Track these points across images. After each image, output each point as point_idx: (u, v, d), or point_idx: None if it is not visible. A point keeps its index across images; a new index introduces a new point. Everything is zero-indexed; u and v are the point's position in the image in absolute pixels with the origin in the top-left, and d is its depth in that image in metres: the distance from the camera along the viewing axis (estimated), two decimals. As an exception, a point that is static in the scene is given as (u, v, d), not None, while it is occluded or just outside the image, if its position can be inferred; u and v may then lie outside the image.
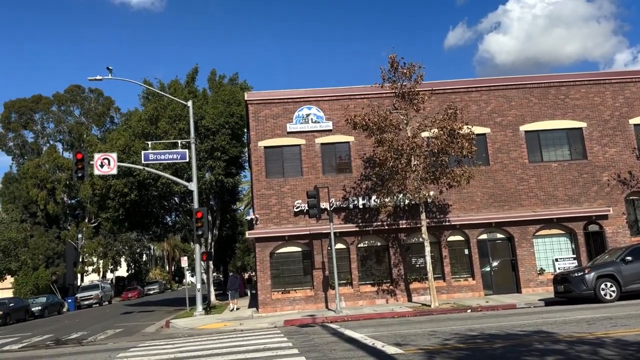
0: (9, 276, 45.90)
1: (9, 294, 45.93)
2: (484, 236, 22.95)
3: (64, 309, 41.35)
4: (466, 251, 22.82)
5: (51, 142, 62.76)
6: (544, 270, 22.51)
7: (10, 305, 33.42)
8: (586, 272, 17.08)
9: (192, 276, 31.19)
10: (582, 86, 24.32)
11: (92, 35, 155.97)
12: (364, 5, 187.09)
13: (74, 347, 16.27)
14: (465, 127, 19.89)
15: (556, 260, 22.68)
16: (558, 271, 21.01)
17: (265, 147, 23.26)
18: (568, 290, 17.36)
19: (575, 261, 22.50)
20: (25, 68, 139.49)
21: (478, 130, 22.78)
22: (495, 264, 22.86)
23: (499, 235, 23.10)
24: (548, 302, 18.23)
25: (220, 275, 51.61)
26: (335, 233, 20.47)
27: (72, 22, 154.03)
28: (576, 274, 17.29)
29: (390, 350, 9.99)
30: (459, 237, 22.92)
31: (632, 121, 24.04)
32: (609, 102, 24.17)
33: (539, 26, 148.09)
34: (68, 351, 15.05)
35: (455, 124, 19.70)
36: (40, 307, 36.90)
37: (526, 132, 23.79)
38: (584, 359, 7.83)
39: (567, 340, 9.74)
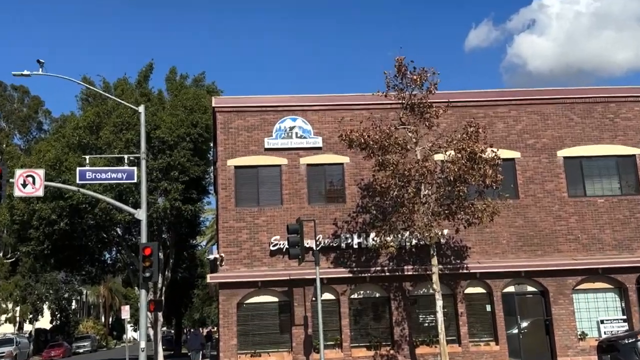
0: None
1: None
2: (510, 289, 22.99)
3: (-34, 370, 40.59)
4: (488, 307, 22.81)
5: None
6: (586, 335, 22.54)
7: None
8: (639, 338, 17.03)
9: (135, 331, 30.86)
10: (637, 103, 24.76)
11: (20, 22, 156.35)
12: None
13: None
14: (489, 149, 20.07)
15: (602, 322, 22.70)
16: (604, 336, 21.06)
17: (237, 167, 23.38)
18: None
19: (626, 324, 22.51)
20: None
21: (505, 154, 23.01)
22: (524, 324, 22.84)
23: (530, 289, 23.14)
24: (591, 376, 18.22)
25: (172, 331, 51.05)
26: (322, 280, 20.46)
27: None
28: (627, 341, 17.26)
29: None
30: (479, 289, 22.98)
31: (698, 148, 24.38)
32: (671, 123, 24.59)
33: (583, 26, 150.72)
34: None
35: (476, 146, 19.86)
36: None
37: (565, 158, 24.08)
38: None
39: None
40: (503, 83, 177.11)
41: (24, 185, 23.10)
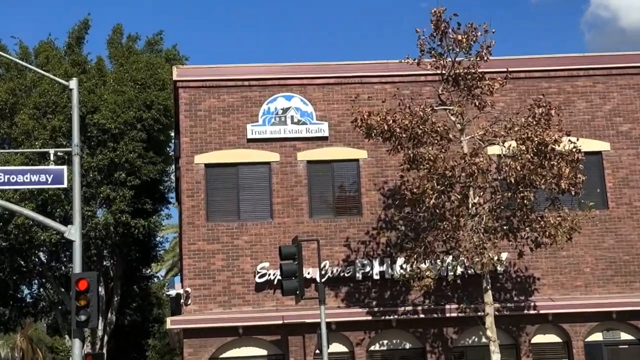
0: None
1: None
2: (597, 336, 22.92)
3: None
4: (564, 361, 22.81)
5: None
6: None
7: None
8: None
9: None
10: None
11: None
12: None
13: None
14: (565, 139, 19.99)
15: None
16: None
17: (208, 166, 23.45)
18: None
19: None
20: None
21: (589, 145, 23.05)
22: (617, 386, 22.83)
23: (626, 336, 23.06)
24: None
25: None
26: (330, 325, 20.42)
27: None
28: None
29: None
30: (553, 337, 22.93)
31: None
32: None
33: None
34: None
35: (547, 134, 19.69)
36: None
37: (675, 152, 24.14)
38: None
39: None
40: (584, 45, 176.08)
41: None
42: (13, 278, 34.54)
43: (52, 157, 24.98)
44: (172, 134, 29.57)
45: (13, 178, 24.09)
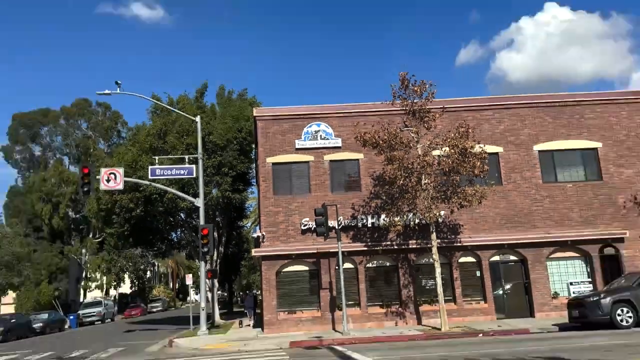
0: (11, 291, 46.42)
1: (10, 309, 46.47)
2: (496, 258, 22.86)
3: (66, 326, 41.42)
4: (478, 273, 22.68)
5: (58, 155, 63.48)
6: (558, 294, 22.35)
7: (12, 321, 33.66)
8: (602, 296, 16.95)
9: (197, 294, 31.18)
10: (598, 105, 24.33)
11: (101, 48, 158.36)
12: (375, 22, 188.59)
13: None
14: (477, 145, 20.01)
15: (571, 284, 22.54)
16: (573, 295, 20.86)
17: (274, 164, 23.44)
18: (583, 315, 17.23)
19: (591, 285, 22.30)
20: (33, 79, 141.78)
21: (490, 149, 22.90)
22: (507, 287, 22.72)
23: (512, 258, 22.99)
24: (562, 328, 18.08)
25: (225, 294, 51.79)
26: (343, 252, 20.53)
27: (81, 35, 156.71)
28: (591, 299, 17.15)
29: None
30: (470, 259, 22.86)
31: (650, 142, 23.94)
32: (625, 122, 24.19)
33: (553, 44, 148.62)
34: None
35: (467, 143, 19.79)
36: (41, 324, 36.98)
37: (540, 151, 23.81)
38: None
39: None
40: (488, 92, 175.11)
41: (108, 180, 23.61)
42: (166, 228, 34.93)
43: (186, 160, 25.43)
44: (254, 146, 29.79)
45: (165, 172, 24.62)
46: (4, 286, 44.69)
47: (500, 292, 22.68)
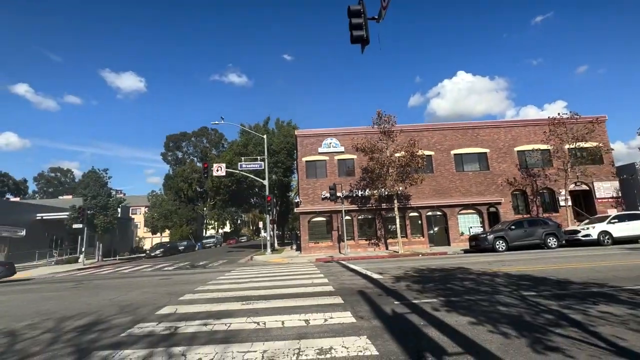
0: (167, 230, 46.56)
1: (166, 239, 46.62)
2: (430, 213, 22.00)
3: (196, 248, 41.66)
4: (419, 222, 21.91)
5: (190, 157, 63.47)
6: (464, 233, 21.51)
7: (168, 245, 33.83)
8: (488, 234, 16.37)
9: (265, 232, 31.00)
10: (487, 128, 23.17)
11: (212, 100, 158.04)
12: (363, 79, 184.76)
13: (201, 269, 16.22)
14: (420, 151, 19.20)
15: (471, 227, 21.66)
16: (472, 233, 20.10)
17: (306, 161, 22.77)
18: (477, 245, 16.62)
19: (482, 228, 21.40)
20: (178, 115, 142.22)
21: (427, 152, 22.04)
22: (436, 229, 21.91)
23: (438, 213, 22.10)
24: (466, 251, 17.43)
25: (280, 232, 51.42)
26: (344, 210, 20.03)
27: (200, 91, 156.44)
28: (482, 235, 16.56)
29: (375, 276, 9.73)
30: (415, 214, 21.99)
31: (516, 148, 22.78)
32: (502, 137, 22.98)
33: (462, 94, 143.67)
34: (199, 271, 15.04)
35: (414, 149, 18.95)
36: (183, 247, 37.13)
37: (455, 154, 22.72)
38: (486, 283, 7.50)
39: (476, 272, 9.31)
40: (424, 120, 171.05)
41: (217, 170, 23.15)
42: (248, 196, 34.75)
43: (258, 159, 24.77)
44: (295, 151, 29.08)
45: (247, 166, 23.94)
46: (163, 227, 44.75)
47: (432, 232, 21.85)
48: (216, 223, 65.82)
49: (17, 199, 49.83)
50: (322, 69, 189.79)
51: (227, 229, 75.74)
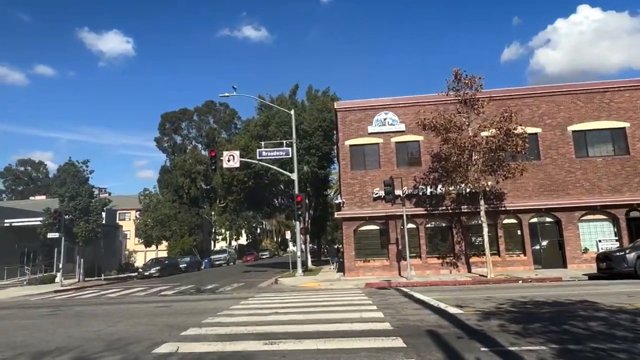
0: (164, 241, 49.13)
1: (163, 254, 49.22)
2: (534, 220, 21.17)
3: (202, 267, 43.42)
4: (519, 232, 21.16)
5: (193, 143, 66.02)
6: (588, 250, 20.45)
7: (165, 262, 35.67)
8: (627, 252, 15.53)
9: (294, 246, 31.56)
10: (626, 91, 21.70)
11: (222, 61, 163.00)
12: (431, 27, 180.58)
13: (210, 295, 17.01)
14: (519, 127, 18.44)
15: (599, 241, 20.53)
16: (601, 250, 19.11)
17: (350, 145, 22.82)
18: (610, 267, 15.81)
19: (617, 242, 20.20)
20: (176, 86, 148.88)
21: (530, 130, 21.11)
22: (544, 243, 21.07)
23: (548, 220, 21.19)
24: (591, 277, 16.65)
25: (315, 246, 52.16)
26: (406, 215, 19.75)
27: (206, 51, 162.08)
28: (618, 253, 15.75)
29: (452, 310, 9.60)
30: (512, 220, 21.29)
31: (677, 120, 21.18)
32: (653, 104, 21.43)
33: (585, 40, 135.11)
34: (206, 297, 15.78)
35: (510, 125, 18.29)
36: (185, 265, 38.88)
37: (573, 131, 21.61)
38: (623, 325, 7.10)
39: (608, 309, 8.85)
40: (527, 83, 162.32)
41: (228, 160, 24.02)
42: (270, 196, 35.53)
43: (284, 144, 25.27)
44: (335, 132, 29.20)
45: (269, 153, 24.60)
46: (159, 237, 47.25)
47: (537, 247, 21.08)
48: (228, 232, 68.06)
49: (-19, 200, 55.59)
50: (373, 17, 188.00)
51: (243, 240, 78.21)
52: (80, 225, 29.38)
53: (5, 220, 32.87)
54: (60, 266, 27.35)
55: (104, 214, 34.44)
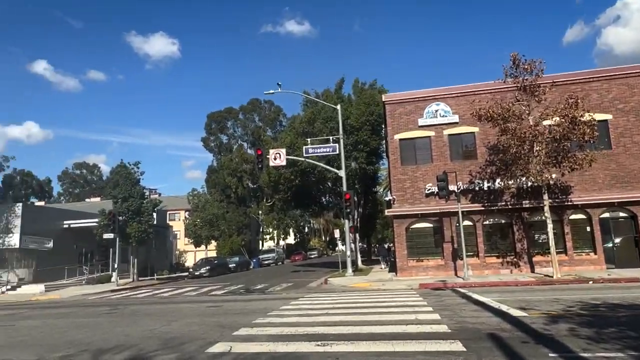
0: (213, 241, 50.72)
1: (213, 254, 50.84)
2: (606, 215, 19.98)
3: (251, 266, 44.51)
4: (588, 228, 20.04)
5: (239, 142, 67.61)
6: (671, 247, 18.98)
7: (215, 262, 36.84)
8: None
9: (343, 245, 31.62)
10: None
11: (265, 58, 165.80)
12: (484, 8, 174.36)
13: (259, 295, 17.42)
14: (586, 114, 17.41)
15: (684, 238, 19.02)
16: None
17: (400, 140, 22.49)
18: None
19: None
20: (221, 85, 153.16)
21: (599, 117, 19.91)
22: (617, 240, 19.83)
23: (622, 215, 19.93)
24: (677, 278, 15.43)
25: (365, 245, 51.93)
26: (462, 212, 19.22)
27: (250, 48, 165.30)
28: None
29: (515, 312, 9.27)
30: (581, 216, 20.19)
31: None
32: None
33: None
34: (255, 297, 16.18)
35: (576, 112, 17.32)
36: (234, 264, 40.03)
37: (651, 116, 20.17)
38: None
39: None
40: (595, 65, 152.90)
41: (275, 159, 24.36)
42: (318, 194, 35.66)
43: (331, 140, 25.33)
44: (383, 126, 28.87)
45: (315, 150, 24.75)
46: (208, 237, 48.80)
47: (610, 245, 19.87)
48: (275, 232, 69.10)
49: (42, 203, 59.64)
50: (420, 3, 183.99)
51: (291, 239, 79.14)
52: (133, 226, 30.93)
53: (65, 222, 35.14)
54: (116, 266, 28.94)
55: (155, 215, 36.09)
